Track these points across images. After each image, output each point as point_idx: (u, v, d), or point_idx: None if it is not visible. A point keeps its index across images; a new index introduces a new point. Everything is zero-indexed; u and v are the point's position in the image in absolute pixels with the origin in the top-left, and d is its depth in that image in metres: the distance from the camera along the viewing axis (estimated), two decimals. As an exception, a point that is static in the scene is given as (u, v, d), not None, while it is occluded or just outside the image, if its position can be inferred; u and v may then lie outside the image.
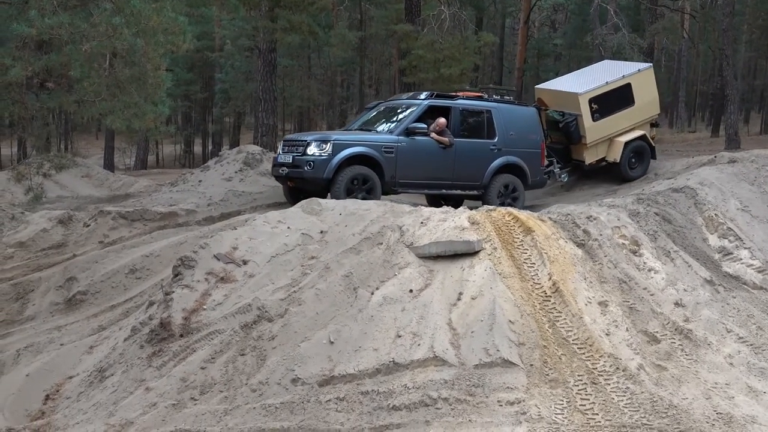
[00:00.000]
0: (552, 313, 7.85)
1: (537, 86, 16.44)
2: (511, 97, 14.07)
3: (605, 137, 14.90)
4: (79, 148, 38.11)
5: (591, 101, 14.65)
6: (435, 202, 12.97)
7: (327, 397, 7.03)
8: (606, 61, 18.12)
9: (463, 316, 7.75)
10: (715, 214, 10.34)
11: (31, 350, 8.71)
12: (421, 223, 9.27)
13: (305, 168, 11.23)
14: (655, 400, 6.86)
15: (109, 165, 30.81)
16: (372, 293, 8.19)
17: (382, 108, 13.42)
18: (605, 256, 8.77)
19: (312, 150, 11.30)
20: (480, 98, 13.44)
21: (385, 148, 11.67)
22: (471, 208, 9.89)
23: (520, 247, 8.72)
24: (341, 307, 8.04)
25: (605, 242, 8.97)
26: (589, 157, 14.98)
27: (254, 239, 9.16)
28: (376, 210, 9.80)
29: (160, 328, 8.03)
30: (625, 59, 25.91)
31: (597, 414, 6.68)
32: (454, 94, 13.55)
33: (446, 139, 12.23)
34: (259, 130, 21.27)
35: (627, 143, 14.92)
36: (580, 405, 6.79)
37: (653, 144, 15.53)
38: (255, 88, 24.36)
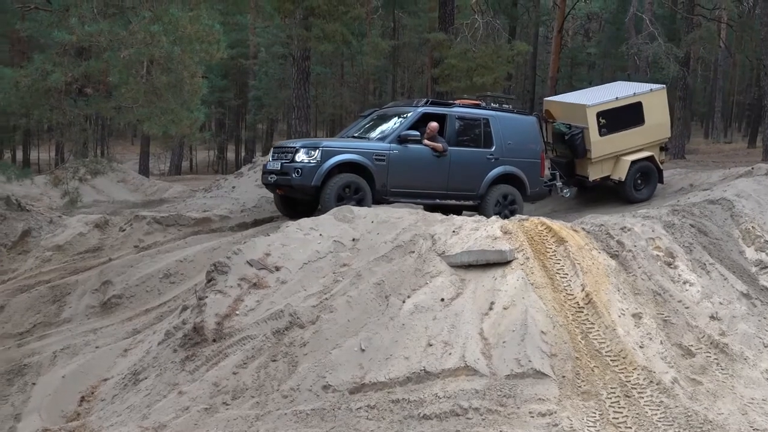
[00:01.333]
0: (585, 324, 7.77)
1: (545, 99, 16.18)
2: (510, 105, 13.58)
3: (611, 154, 14.44)
4: (115, 154, 38.63)
5: (599, 115, 14.27)
6: (432, 209, 12.41)
7: (358, 404, 7.02)
8: (620, 82, 17.90)
9: (495, 325, 7.70)
10: (753, 227, 10.15)
11: (67, 352, 8.79)
12: (453, 231, 9.24)
13: (293, 175, 10.86)
14: (689, 414, 6.75)
15: (144, 170, 31.21)
16: (403, 301, 8.18)
17: (377, 115, 13.03)
18: (639, 268, 8.65)
19: (300, 157, 10.94)
20: (477, 106, 12.98)
21: (376, 155, 11.29)
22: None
23: (552, 257, 8.66)
24: (372, 315, 8.03)
25: (639, 253, 8.86)
26: (593, 174, 14.48)
27: (287, 246, 9.20)
28: (408, 218, 9.79)
29: (194, 332, 8.09)
30: (661, 69, 25.74)
31: (630, 428, 6.59)
32: (451, 102, 13.17)
33: (439, 144, 11.84)
34: (292, 137, 21.39)
35: (634, 162, 14.44)
36: (612, 418, 6.70)
37: (661, 167, 15.00)
38: (288, 95, 24.56)
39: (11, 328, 9.40)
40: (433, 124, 11.91)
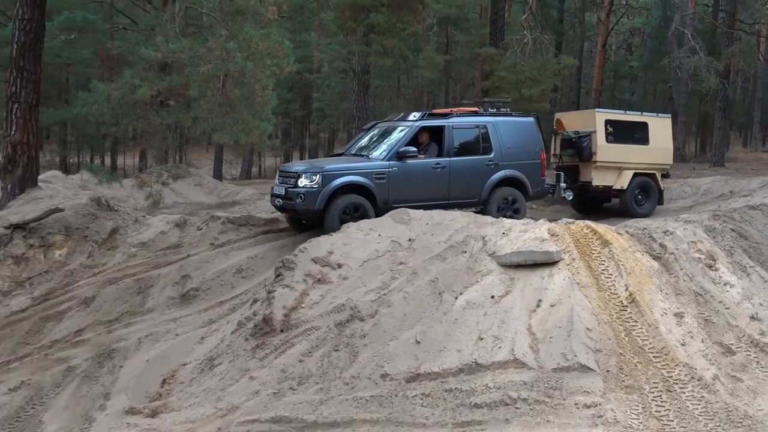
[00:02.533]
0: (628, 322, 7.61)
1: (557, 113, 15.82)
2: (507, 109, 12.84)
3: (615, 163, 14.00)
4: (192, 160, 39.33)
5: (607, 122, 13.96)
6: None
7: (413, 392, 7.01)
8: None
9: (542, 322, 7.60)
10: (792, 232, 9.82)
11: (151, 339, 8.98)
12: (503, 233, 9.16)
13: (297, 200, 10.47)
14: (730, 410, 6.55)
15: (218, 175, 31.68)
16: (456, 298, 8.14)
17: (377, 130, 12.30)
18: (681, 269, 8.44)
19: (303, 182, 10.50)
20: (476, 113, 12.27)
21: (375, 174, 10.78)
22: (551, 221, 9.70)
23: (597, 258, 8.50)
24: (427, 310, 8.02)
25: (681, 256, 8.64)
26: (597, 179, 14.00)
27: (348, 245, 9.24)
28: (460, 220, 9.75)
29: (263, 323, 8.20)
30: (701, 81, 25.07)
31: (672, 421, 6.43)
32: (448, 111, 12.43)
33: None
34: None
35: (636, 174, 14.03)
36: (655, 411, 6.55)
37: (662, 188, 14.52)
38: (349, 106, 24.68)
39: (101, 316, 9.59)
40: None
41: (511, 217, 11.02)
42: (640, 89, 45.57)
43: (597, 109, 14.20)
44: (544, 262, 8.40)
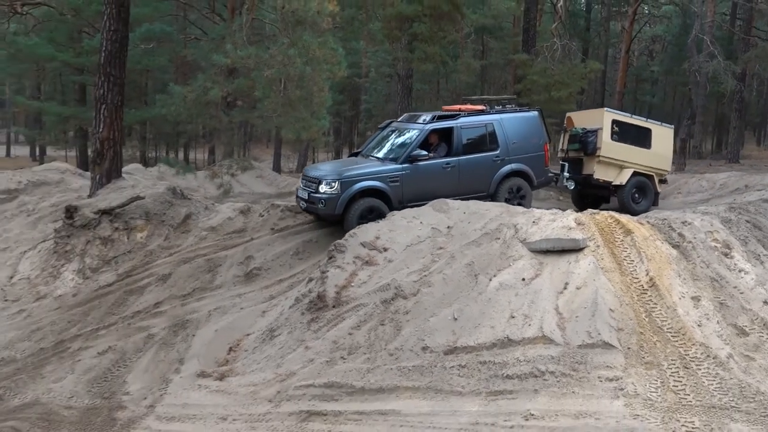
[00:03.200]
0: (648, 304, 7.46)
1: (569, 112, 15.35)
2: (513, 105, 12.37)
3: (617, 161, 13.54)
4: (254, 155, 39.75)
5: (614, 122, 13.52)
6: None
7: (451, 363, 7.01)
8: None
9: (569, 302, 7.50)
10: (804, 223, 9.46)
11: (219, 311, 9.12)
12: (533, 222, 9.04)
13: (319, 206, 10.28)
14: (743, 386, 6.38)
15: (277, 168, 31.93)
16: (490, 280, 8.08)
17: (390, 131, 11.82)
18: (698, 257, 8.21)
19: (323, 188, 10.24)
20: (482, 111, 11.71)
21: (390, 178, 10.49)
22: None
23: (620, 245, 8.34)
24: (464, 290, 7.98)
25: (699, 244, 8.41)
26: (599, 173, 13.53)
27: (393, 231, 9.24)
28: (494, 210, 9.64)
29: (317, 299, 8.26)
30: (719, 83, 24.31)
31: (689, 395, 6.30)
32: (457, 110, 11.85)
33: None
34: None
35: (635, 173, 13.54)
36: (673, 386, 6.42)
37: (658, 191, 13.96)
38: (394, 107, 24.52)
39: (176, 291, 9.77)
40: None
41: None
42: (660, 92, 44.40)
43: (606, 109, 13.75)
44: (570, 249, 8.27)
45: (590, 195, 14.29)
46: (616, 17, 38.02)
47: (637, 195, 13.66)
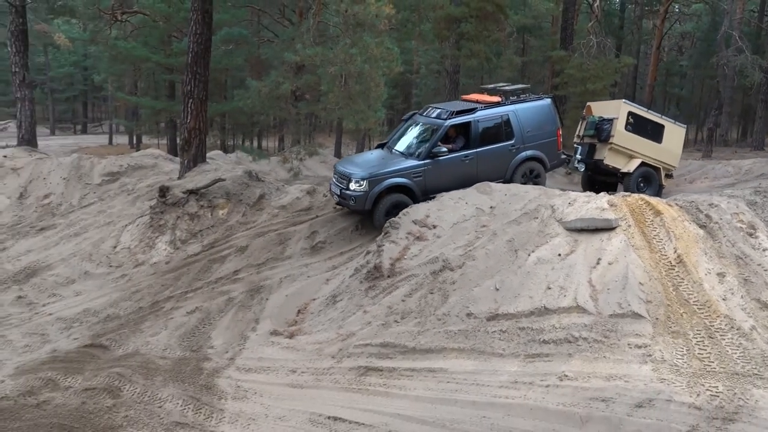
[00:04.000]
0: (676, 279, 7.19)
1: (589, 102, 14.63)
2: (527, 94, 11.61)
3: (627, 149, 12.85)
4: (318, 142, 40.01)
5: (630, 114, 12.80)
6: None
7: (493, 329, 6.95)
8: None
9: (601, 276, 7.30)
10: (828, 207, 8.92)
11: (289, 279, 9.28)
12: (569, 203, 8.81)
13: (350, 202, 10.09)
14: (766, 355, 6.11)
15: (338, 154, 32.07)
16: (528, 255, 7.94)
17: (413, 125, 11.26)
18: (724, 237, 7.85)
19: (353, 186, 9.99)
20: (498, 104, 11.07)
21: (413, 174, 10.15)
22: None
23: (650, 225, 8.05)
24: (505, 264, 7.87)
25: (725, 225, 8.03)
26: (609, 159, 12.85)
27: (441, 210, 9.17)
28: (533, 192, 9.45)
29: (374, 270, 8.30)
30: (746, 76, 23.05)
31: (713, 362, 6.07)
32: (475, 101, 11.31)
33: None
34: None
35: (643, 163, 12.86)
36: (698, 353, 6.20)
37: (663, 184, 13.17)
38: (442, 101, 24.26)
39: (252, 261, 9.97)
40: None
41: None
42: (689, 85, 42.37)
43: (624, 100, 13.09)
44: (603, 228, 8.03)
45: (599, 181, 13.70)
46: (648, 16, 36.52)
47: (642, 184, 13.03)
